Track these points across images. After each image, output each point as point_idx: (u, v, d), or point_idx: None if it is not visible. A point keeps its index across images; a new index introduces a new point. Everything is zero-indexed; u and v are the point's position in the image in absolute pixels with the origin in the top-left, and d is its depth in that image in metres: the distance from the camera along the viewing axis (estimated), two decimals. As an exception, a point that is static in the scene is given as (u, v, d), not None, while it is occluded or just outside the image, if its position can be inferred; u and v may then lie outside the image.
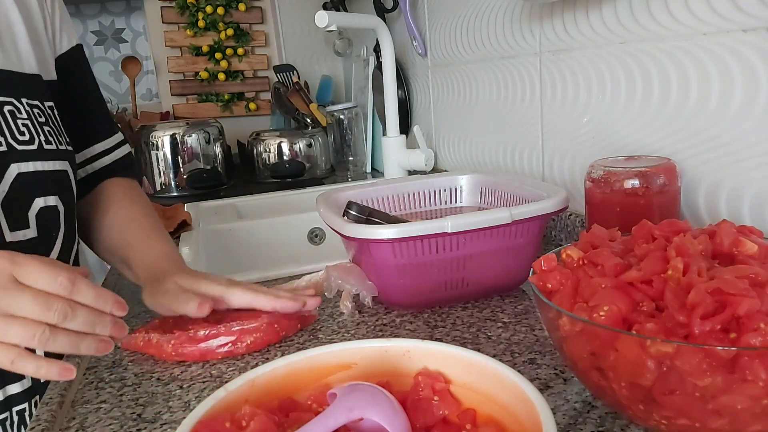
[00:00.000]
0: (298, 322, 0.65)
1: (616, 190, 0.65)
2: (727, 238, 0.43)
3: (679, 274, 0.38)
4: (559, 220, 0.88)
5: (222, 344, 0.60)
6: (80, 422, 0.51)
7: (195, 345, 0.59)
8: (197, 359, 0.60)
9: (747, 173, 0.61)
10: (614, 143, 0.79)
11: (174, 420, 0.50)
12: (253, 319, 0.61)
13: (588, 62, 0.82)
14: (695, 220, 0.68)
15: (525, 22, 0.95)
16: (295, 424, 0.35)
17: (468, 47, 1.15)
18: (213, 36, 1.95)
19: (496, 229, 0.64)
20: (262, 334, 0.61)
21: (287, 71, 1.88)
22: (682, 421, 0.36)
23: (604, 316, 0.38)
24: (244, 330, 0.60)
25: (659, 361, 0.35)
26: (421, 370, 0.38)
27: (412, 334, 0.62)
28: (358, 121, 1.72)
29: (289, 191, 1.44)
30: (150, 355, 0.62)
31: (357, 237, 0.63)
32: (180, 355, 0.60)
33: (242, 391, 0.36)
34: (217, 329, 0.60)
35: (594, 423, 0.44)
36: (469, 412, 0.37)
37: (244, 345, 0.60)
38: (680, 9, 0.65)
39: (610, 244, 0.46)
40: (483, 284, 0.68)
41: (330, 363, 0.40)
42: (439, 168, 1.36)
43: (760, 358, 0.32)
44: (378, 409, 0.34)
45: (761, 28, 0.57)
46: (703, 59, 0.64)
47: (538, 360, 0.54)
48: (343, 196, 0.78)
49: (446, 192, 0.89)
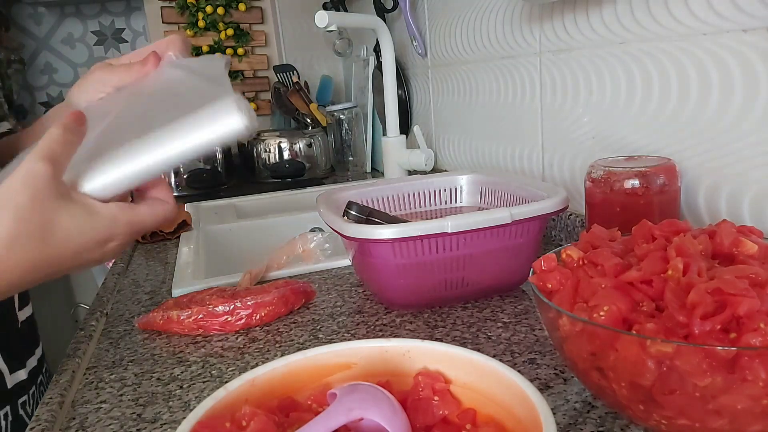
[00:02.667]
0: (302, 297, 0.72)
1: (616, 190, 0.65)
2: (727, 238, 0.43)
3: (679, 274, 0.38)
4: (559, 220, 0.88)
5: (240, 318, 0.67)
6: (80, 422, 0.51)
7: (216, 319, 0.66)
8: (218, 331, 0.67)
9: (747, 173, 0.61)
10: (614, 143, 0.79)
11: (174, 420, 0.50)
12: (266, 294, 0.69)
13: (588, 62, 0.82)
14: (695, 220, 0.68)
15: (525, 22, 0.95)
16: (295, 424, 0.35)
17: (468, 47, 1.15)
18: (213, 36, 1.95)
19: (496, 229, 0.64)
20: (274, 308, 0.68)
21: (287, 71, 1.88)
22: (682, 421, 0.36)
23: (604, 316, 0.38)
24: (258, 303, 0.67)
25: (659, 361, 0.35)
26: (421, 370, 0.38)
27: (412, 334, 0.62)
28: (358, 121, 1.72)
29: (289, 191, 1.44)
30: (169, 332, 0.67)
31: (357, 237, 0.63)
32: (202, 328, 0.66)
33: (242, 391, 0.36)
34: (234, 304, 0.67)
35: (594, 423, 0.44)
36: (469, 412, 0.37)
37: (258, 317, 0.67)
38: (680, 9, 0.65)
39: (610, 244, 0.46)
40: (483, 284, 0.68)
41: (330, 363, 0.40)
42: (439, 168, 1.36)
43: (760, 358, 0.32)
44: (378, 409, 0.34)
45: (761, 28, 0.57)
46: (703, 59, 0.64)
47: (538, 360, 0.54)
48: (343, 196, 0.78)
49: (446, 192, 0.89)
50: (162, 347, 0.65)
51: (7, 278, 0.41)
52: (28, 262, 0.41)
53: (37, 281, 0.43)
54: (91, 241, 0.43)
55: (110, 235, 0.44)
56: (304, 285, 0.73)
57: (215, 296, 0.68)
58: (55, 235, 0.41)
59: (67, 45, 2.01)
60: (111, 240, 0.45)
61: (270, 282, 0.74)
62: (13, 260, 0.40)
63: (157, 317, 0.68)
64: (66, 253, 0.42)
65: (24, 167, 0.41)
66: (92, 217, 0.43)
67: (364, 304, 0.71)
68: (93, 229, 0.43)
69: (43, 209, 0.40)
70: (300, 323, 0.68)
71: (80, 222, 0.42)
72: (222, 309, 0.67)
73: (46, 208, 0.41)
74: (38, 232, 0.40)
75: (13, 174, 0.41)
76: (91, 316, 0.75)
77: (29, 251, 0.40)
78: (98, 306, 0.78)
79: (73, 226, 0.42)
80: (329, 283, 0.80)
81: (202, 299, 0.68)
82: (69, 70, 2.02)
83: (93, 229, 0.43)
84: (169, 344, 0.65)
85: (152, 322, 0.68)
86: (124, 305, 0.79)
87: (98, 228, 0.43)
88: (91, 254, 0.44)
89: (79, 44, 2.02)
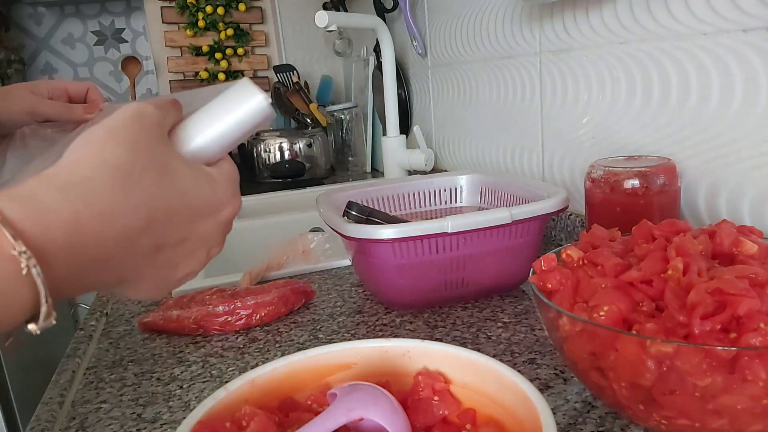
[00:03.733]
0: (302, 296, 0.72)
1: (616, 190, 0.65)
2: (727, 238, 0.43)
3: (679, 274, 0.38)
4: (559, 220, 0.88)
5: (240, 317, 0.67)
6: (80, 422, 0.51)
7: (216, 319, 0.66)
8: (218, 331, 0.67)
9: (747, 173, 0.61)
10: (614, 143, 0.79)
11: (174, 420, 0.50)
12: (266, 294, 0.69)
13: (588, 62, 0.82)
14: (695, 220, 0.68)
15: (525, 22, 0.95)
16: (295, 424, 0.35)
17: (468, 47, 1.15)
18: (213, 36, 1.94)
19: (496, 229, 0.64)
20: (274, 308, 0.68)
21: (287, 71, 1.88)
22: (682, 421, 0.36)
23: (604, 316, 0.38)
24: (258, 303, 0.67)
25: (659, 361, 0.35)
26: (421, 370, 0.38)
27: (412, 334, 0.62)
28: (358, 121, 1.72)
29: (289, 191, 1.44)
30: (170, 332, 0.67)
31: (357, 237, 0.63)
32: (202, 327, 0.66)
33: (242, 391, 0.36)
34: (235, 304, 0.67)
35: (594, 423, 0.44)
36: (469, 412, 0.37)
37: (258, 317, 0.67)
38: (680, 9, 0.65)
39: (610, 244, 0.46)
40: (483, 284, 0.68)
41: (330, 363, 0.40)
42: (439, 168, 1.36)
43: (760, 358, 0.32)
44: (378, 409, 0.34)
45: (761, 28, 0.57)
46: (703, 59, 0.64)
47: (538, 360, 0.54)
48: (343, 196, 0.78)
49: (446, 192, 0.89)
50: (162, 347, 0.65)
51: (129, 221, 0.31)
52: (144, 206, 0.31)
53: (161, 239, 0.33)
54: (204, 203, 0.35)
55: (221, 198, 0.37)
56: (304, 285, 0.73)
57: (215, 296, 0.68)
58: (173, 179, 0.33)
59: (67, 45, 2.01)
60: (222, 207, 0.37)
61: (270, 282, 0.74)
62: (130, 199, 0.31)
63: (157, 317, 0.68)
64: (184, 207, 0.34)
65: (130, 107, 0.33)
66: (203, 172, 0.36)
67: (364, 304, 0.71)
68: (208, 186, 0.36)
69: (156, 146, 0.33)
70: (300, 323, 0.68)
71: (196, 175, 0.35)
72: (222, 309, 0.67)
73: (160, 148, 0.33)
74: (155, 168, 0.32)
75: (115, 113, 0.33)
76: (91, 316, 0.75)
77: (147, 189, 0.31)
78: (98, 306, 0.78)
79: (188, 176, 0.34)
80: (329, 283, 0.80)
81: (203, 299, 0.68)
82: (69, 70, 2.03)
83: (208, 185, 0.36)
84: (169, 344, 0.65)
85: (152, 322, 0.68)
86: (124, 305, 0.79)
87: (212, 185, 0.36)
88: (206, 224, 0.36)
89: (79, 44, 2.02)
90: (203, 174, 0.36)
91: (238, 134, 0.37)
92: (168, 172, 0.33)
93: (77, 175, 0.29)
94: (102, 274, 0.31)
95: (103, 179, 0.30)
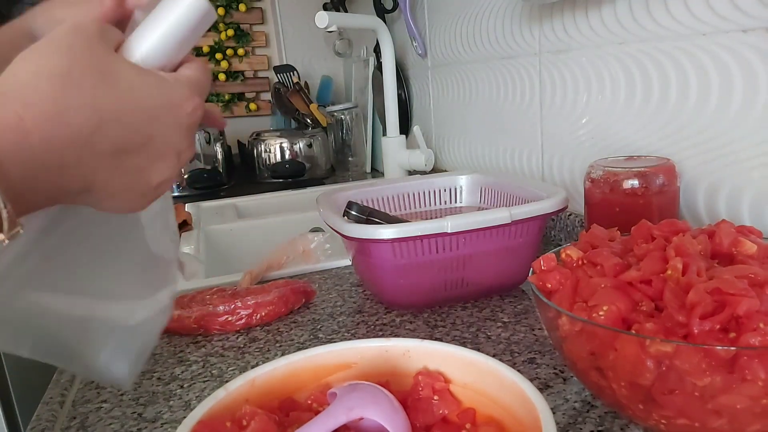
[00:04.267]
0: (302, 296, 0.72)
1: (616, 190, 0.65)
2: (727, 238, 0.43)
3: (678, 274, 0.38)
4: (558, 220, 0.88)
5: (240, 317, 0.67)
6: (81, 421, 0.51)
7: (216, 319, 0.67)
8: (218, 331, 0.67)
9: (746, 173, 0.62)
10: (614, 143, 0.79)
11: (174, 419, 0.50)
12: (266, 293, 0.69)
13: (588, 62, 0.82)
14: (695, 220, 0.68)
15: (525, 22, 0.95)
16: (295, 424, 0.35)
17: (468, 47, 1.15)
18: (213, 36, 1.95)
19: (496, 229, 0.64)
20: (274, 307, 0.68)
21: (287, 71, 1.88)
22: (681, 421, 0.36)
23: (603, 316, 0.38)
24: (258, 303, 0.68)
25: (658, 361, 0.35)
26: (421, 370, 0.39)
27: (412, 334, 0.62)
28: (358, 121, 1.72)
29: (289, 191, 1.44)
30: (170, 331, 0.67)
31: (357, 237, 0.63)
32: (203, 327, 0.66)
33: (242, 390, 0.36)
34: (235, 304, 0.67)
35: (594, 423, 0.44)
36: (469, 412, 0.37)
37: (258, 317, 0.67)
38: (679, 9, 0.65)
39: (609, 244, 0.46)
40: (483, 284, 0.68)
41: (330, 363, 0.40)
42: (439, 168, 1.36)
43: (759, 358, 0.32)
44: (378, 409, 0.34)
45: (761, 28, 0.57)
46: (703, 59, 0.64)
47: (538, 360, 0.54)
48: (343, 196, 0.78)
49: (446, 192, 0.89)
50: (162, 347, 0.65)
51: (75, 121, 0.31)
52: (89, 106, 0.32)
53: (119, 141, 0.33)
54: (158, 104, 0.35)
55: (176, 98, 0.37)
56: (304, 285, 0.73)
57: (216, 296, 0.68)
58: (117, 79, 0.33)
59: (67, 45, 2.01)
60: (178, 106, 0.37)
61: (270, 282, 0.74)
62: (72, 99, 0.31)
63: None
64: (135, 109, 0.34)
65: (67, 24, 0.34)
66: (151, 73, 0.36)
67: (364, 304, 0.71)
68: (158, 86, 0.35)
69: (95, 51, 0.33)
70: (300, 323, 0.68)
71: (143, 76, 0.35)
72: (222, 308, 0.67)
73: (100, 53, 0.33)
74: (95, 70, 0.33)
75: (53, 31, 0.33)
76: (91, 316, 0.75)
77: (88, 89, 0.32)
78: (98, 306, 0.78)
79: (137, 77, 0.34)
80: (329, 283, 0.80)
81: (203, 299, 0.68)
82: (69, 71, 2.02)
83: (158, 85, 0.35)
84: (169, 344, 0.65)
85: None
86: (124, 305, 0.79)
87: (163, 85, 0.36)
88: (165, 124, 0.36)
89: (79, 44, 2.02)
90: (152, 75, 0.36)
91: (180, 36, 0.38)
92: (111, 74, 0.34)
93: (16, 83, 0.31)
94: (62, 180, 0.31)
95: (39, 84, 0.31)
